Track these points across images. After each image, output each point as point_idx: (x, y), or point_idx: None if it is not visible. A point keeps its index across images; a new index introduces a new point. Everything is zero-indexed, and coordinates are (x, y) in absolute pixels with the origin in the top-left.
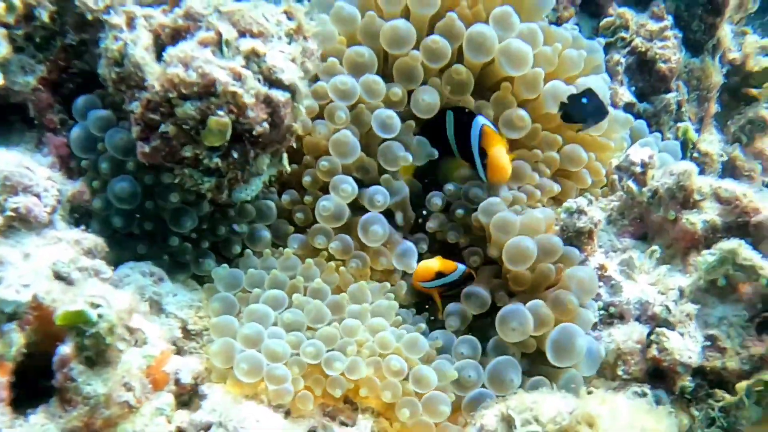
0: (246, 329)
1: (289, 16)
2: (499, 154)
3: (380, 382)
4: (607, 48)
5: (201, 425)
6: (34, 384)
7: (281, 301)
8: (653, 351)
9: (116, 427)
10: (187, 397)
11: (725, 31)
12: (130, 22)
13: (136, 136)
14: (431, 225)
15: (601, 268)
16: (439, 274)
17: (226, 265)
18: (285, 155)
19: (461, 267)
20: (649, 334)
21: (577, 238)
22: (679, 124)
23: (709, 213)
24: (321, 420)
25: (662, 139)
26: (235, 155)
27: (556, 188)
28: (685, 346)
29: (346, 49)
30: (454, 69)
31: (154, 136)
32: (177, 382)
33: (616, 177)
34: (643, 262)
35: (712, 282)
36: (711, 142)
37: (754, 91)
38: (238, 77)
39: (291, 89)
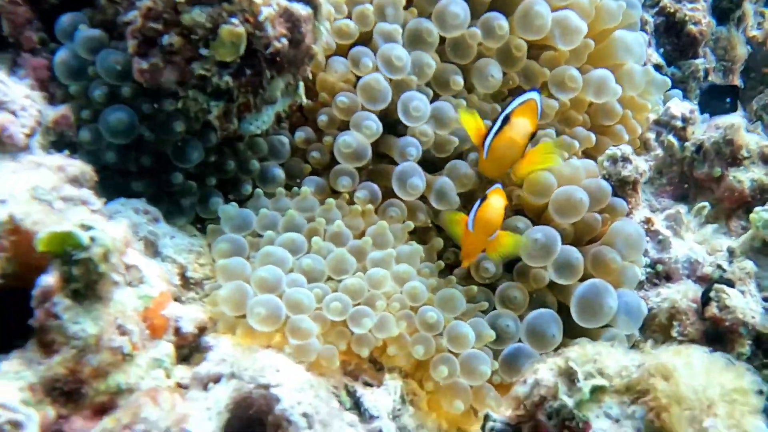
0: (262, 272)
1: None
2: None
3: (411, 338)
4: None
5: (208, 377)
6: (11, 326)
7: (300, 246)
8: (713, 309)
9: (106, 377)
10: (188, 350)
11: (748, 7)
12: None
13: (133, 51)
14: None
15: (648, 221)
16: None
17: (235, 203)
18: (302, 84)
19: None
20: (706, 291)
21: (621, 188)
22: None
23: (756, 172)
24: (342, 379)
25: None
26: (249, 74)
27: (593, 138)
28: (747, 304)
29: None
30: (514, 44)
31: (153, 51)
32: (177, 331)
33: (652, 135)
34: (689, 219)
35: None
36: (733, 116)
37: None
38: None
39: (313, 4)
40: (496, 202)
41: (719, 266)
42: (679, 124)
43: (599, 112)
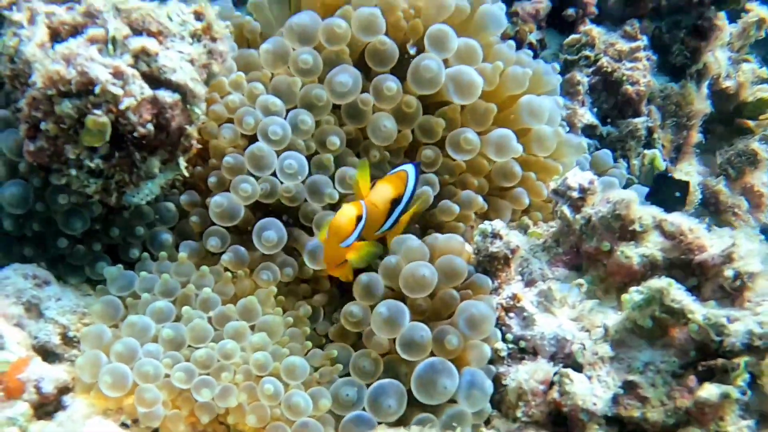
0: (119, 346)
1: (199, 17)
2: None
3: (249, 407)
4: (570, 66)
5: None
6: None
7: (167, 314)
8: (554, 393)
9: None
10: (52, 407)
11: (716, 58)
12: (32, 19)
13: (23, 134)
14: None
15: (514, 298)
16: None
17: (120, 265)
18: (181, 159)
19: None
20: (555, 374)
21: (490, 263)
22: (646, 152)
23: (650, 247)
24: None
25: (628, 167)
26: (118, 156)
27: (480, 201)
28: (590, 391)
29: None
30: (404, 101)
31: (39, 136)
32: (38, 390)
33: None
34: (566, 294)
35: (639, 323)
36: (688, 173)
37: (750, 123)
38: (120, 76)
39: (182, 90)
40: (346, 211)
41: (584, 346)
42: (575, 194)
43: (498, 174)
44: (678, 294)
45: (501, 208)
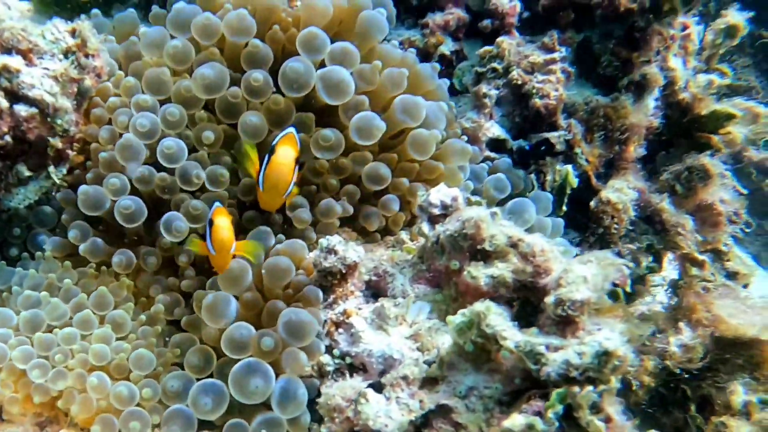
0: None
1: (74, 34)
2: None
3: (79, 397)
4: (480, 78)
5: None
6: None
7: (32, 304)
8: (348, 412)
9: None
10: None
11: (670, 68)
12: None
13: None
14: None
15: (344, 314)
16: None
17: (3, 262)
18: (52, 168)
19: None
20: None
21: (324, 278)
22: (559, 167)
23: (501, 268)
24: (28, 429)
25: (539, 183)
26: None
27: (337, 211)
28: (385, 412)
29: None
30: (272, 99)
31: None
32: None
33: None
34: (403, 312)
35: (462, 346)
36: (619, 190)
37: (714, 138)
38: None
39: (40, 105)
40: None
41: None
42: (436, 211)
43: (367, 179)
44: (494, 319)
45: (370, 214)
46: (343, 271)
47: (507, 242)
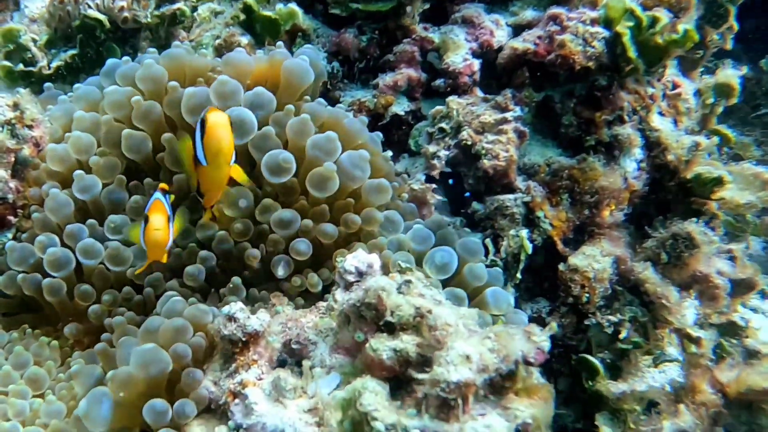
0: None
1: (15, 107)
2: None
3: None
4: (430, 138)
5: None
6: None
7: None
8: None
9: None
10: None
11: (653, 128)
12: None
13: None
14: None
15: (242, 384)
16: None
17: None
18: None
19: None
20: None
21: (226, 346)
22: (512, 232)
23: (405, 341)
24: None
25: (495, 247)
26: None
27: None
28: None
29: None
30: None
31: None
32: None
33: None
34: (301, 383)
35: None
36: (590, 257)
37: (712, 204)
38: None
39: None
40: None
41: None
42: (351, 279)
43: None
44: (368, 398)
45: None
46: (244, 340)
47: (414, 313)
